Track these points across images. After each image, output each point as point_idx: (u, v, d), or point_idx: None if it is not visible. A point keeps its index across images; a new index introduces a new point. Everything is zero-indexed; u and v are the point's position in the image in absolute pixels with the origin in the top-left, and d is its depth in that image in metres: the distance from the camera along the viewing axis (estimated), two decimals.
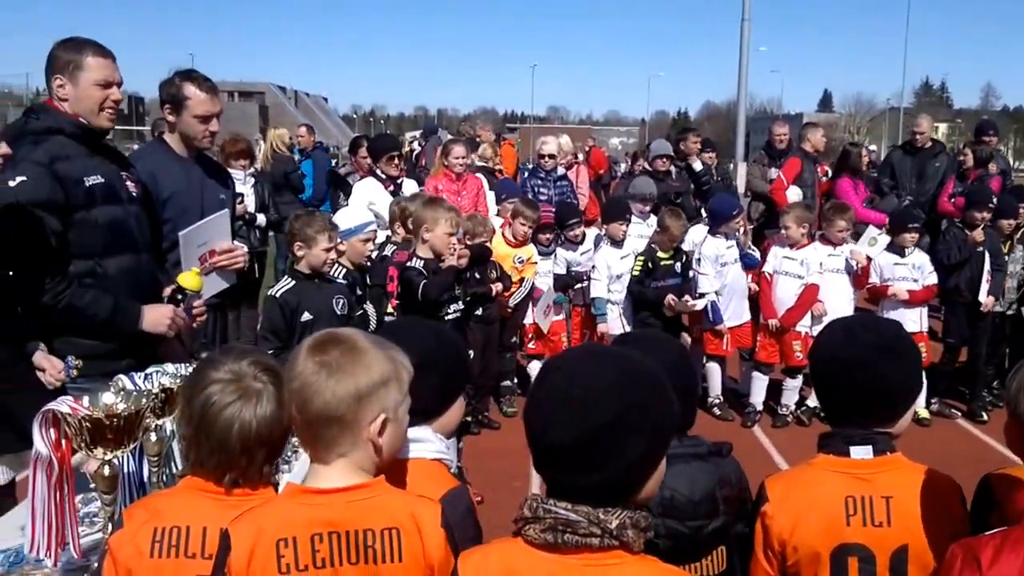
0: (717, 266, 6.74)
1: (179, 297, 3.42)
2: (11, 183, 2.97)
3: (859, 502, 1.96)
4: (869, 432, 2.02)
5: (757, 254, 6.92)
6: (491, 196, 7.75)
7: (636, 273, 6.46)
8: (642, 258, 6.49)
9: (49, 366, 3.03)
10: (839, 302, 6.57)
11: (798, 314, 6.57)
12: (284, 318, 4.21)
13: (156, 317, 3.31)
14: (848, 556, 1.96)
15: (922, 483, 1.97)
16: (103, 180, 3.23)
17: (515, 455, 5.46)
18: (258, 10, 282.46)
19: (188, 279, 3.42)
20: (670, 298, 6.33)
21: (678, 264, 6.55)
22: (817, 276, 6.58)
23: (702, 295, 6.60)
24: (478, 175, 7.94)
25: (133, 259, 3.34)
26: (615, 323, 6.71)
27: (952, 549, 1.59)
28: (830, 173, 9.25)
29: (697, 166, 9.01)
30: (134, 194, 3.39)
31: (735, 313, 6.82)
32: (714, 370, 6.91)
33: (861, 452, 2.00)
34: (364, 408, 1.69)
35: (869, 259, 6.67)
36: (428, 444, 2.04)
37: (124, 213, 3.30)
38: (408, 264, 4.89)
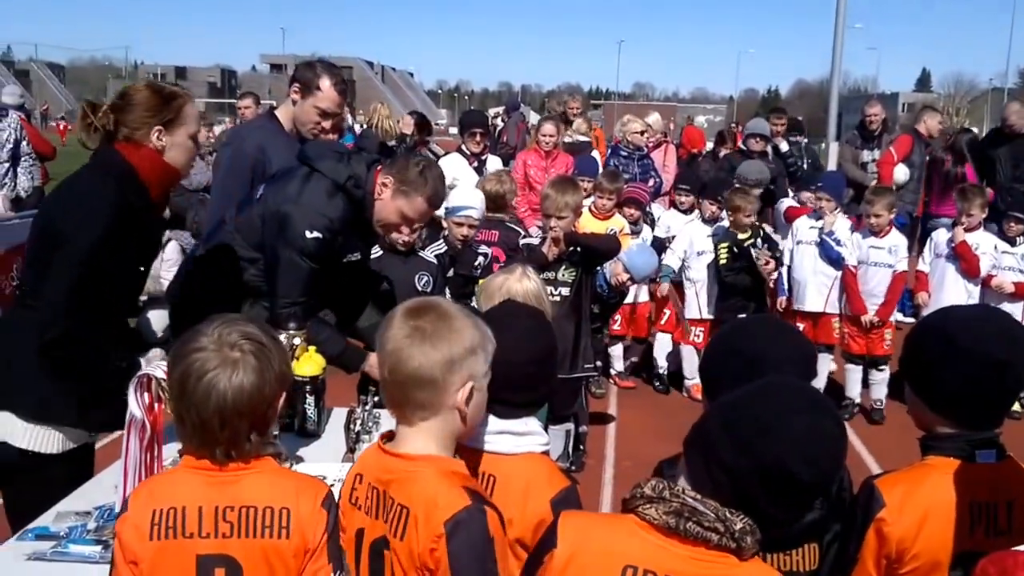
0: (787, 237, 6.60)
1: None
2: (308, 235, 3.10)
3: (984, 509, 1.86)
4: (993, 435, 1.91)
5: (843, 250, 6.35)
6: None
7: (724, 261, 6.16)
8: (725, 244, 6.18)
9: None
10: (955, 291, 6.20)
11: (892, 307, 6.26)
12: None
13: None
14: (969, 564, 1.81)
15: None
16: (358, 258, 3.42)
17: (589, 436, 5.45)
18: None
19: None
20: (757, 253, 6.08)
21: (759, 240, 6.28)
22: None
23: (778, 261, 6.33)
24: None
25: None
26: (692, 303, 6.57)
27: (983, 565, 1.42)
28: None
29: (783, 147, 8.71)
30: None
31: (802, 297, 6.50)
32: None
33: (987, 456, 1.88)
34: (454, 374, 1.74)
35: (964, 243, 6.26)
36: (538, 437, 2.03)
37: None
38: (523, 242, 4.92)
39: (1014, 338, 1.90)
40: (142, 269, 2.88)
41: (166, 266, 6.67)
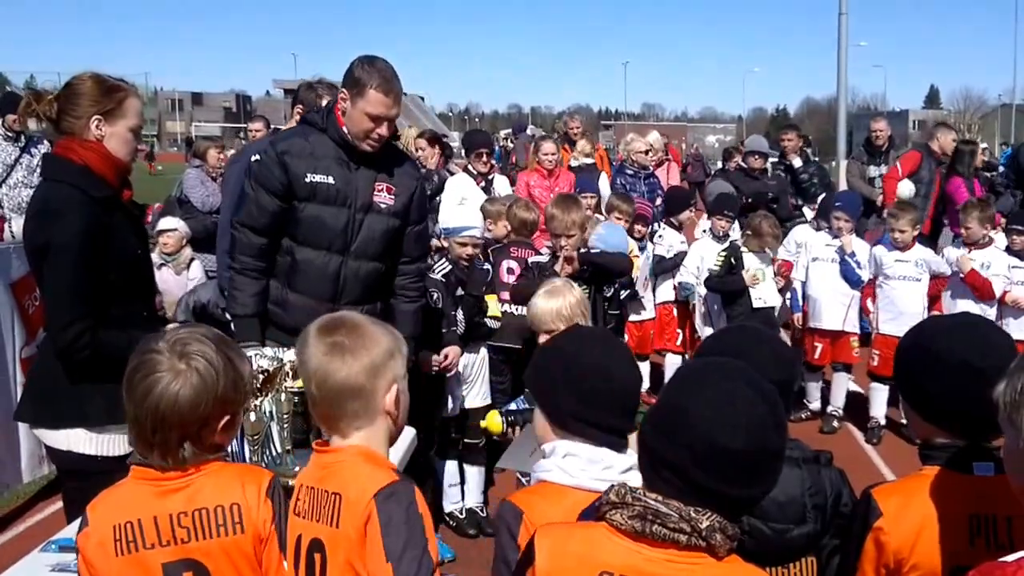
0: (801, 253, 6.59)
1: None
2: (253, 159, 3.46)
3: (984, 522, 1.82)
4: (992, 447, 1.86)
5: (863, 272, 6.35)
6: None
7: (716, 268, 6.20)
8: (724, 254, 6.22)
9: None
10: (968, 307, 6.05)
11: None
12: None
13: None
14: None
15: None
16: (332, 183, 3.41)
17: None
18: (358, 10, 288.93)
19: None
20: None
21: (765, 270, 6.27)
22: (945, 267, 6.29)
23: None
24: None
25: (326, 256, 3.47)
26: (696, 318, 6.61)
27: None
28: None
29: (797, 163, 8.74)
30: (382, 205, 3.52)
31: (817, 315, 6.47)
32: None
33: (984, 469, 1.84)
34: (379, 379, 1.83)
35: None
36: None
37: (343, 217, 3.45)
38: (532, 260, 4.97)
39: (992, 345, 1.88)
40: (139, 253, 2.95)
41: (191, 286, 6.78)
